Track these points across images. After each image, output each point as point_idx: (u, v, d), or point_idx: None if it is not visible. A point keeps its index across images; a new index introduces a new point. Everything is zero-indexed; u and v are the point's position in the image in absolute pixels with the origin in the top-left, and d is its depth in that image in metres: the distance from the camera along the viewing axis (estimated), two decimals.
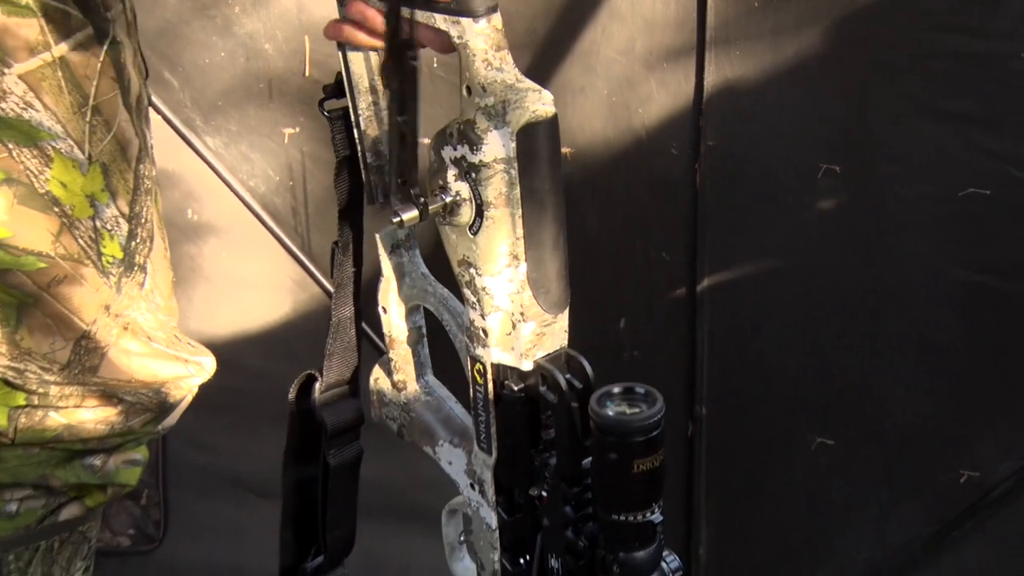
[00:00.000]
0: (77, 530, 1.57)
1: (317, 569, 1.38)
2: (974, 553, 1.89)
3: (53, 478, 1.49)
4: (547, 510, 1.21)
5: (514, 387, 1.18)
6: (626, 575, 1.15)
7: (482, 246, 1.12)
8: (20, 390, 1.43)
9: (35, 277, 1.38)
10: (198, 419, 1.87)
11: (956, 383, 1.87)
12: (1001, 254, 1.78)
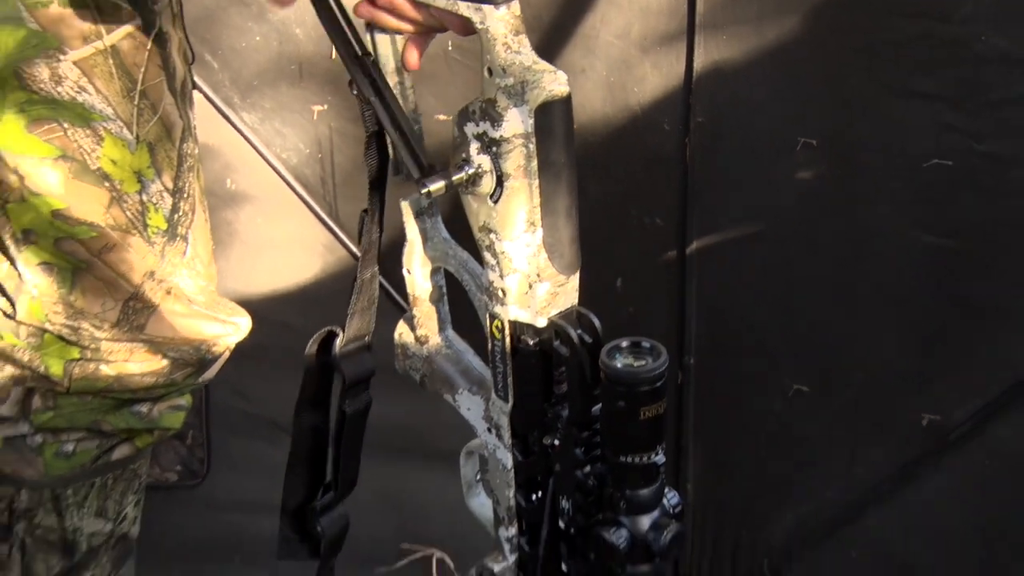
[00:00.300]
0: (128, 468, 1.57)
1: (325, 506, 1.36)
2: (933, 489, 1.89)
3: (104, 423, 1.50)
4: (559, 456, 1.21)
5: (530, 341, 1.18)
6: (632, 511, 1.16)
7: (502, 213, 1.12)
8: (74, 345, 1.43)
9: (87, 244, 1.39)
10: (237, 369, 1.89)
11: (919, 335, 1.87)
12: (960, 218, 1.77)
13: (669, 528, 1.16)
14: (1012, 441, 1.79)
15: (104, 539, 1.59)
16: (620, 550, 1.15)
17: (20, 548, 1.53)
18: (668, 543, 1.16)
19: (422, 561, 2.12)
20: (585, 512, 1.20)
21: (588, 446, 1.18)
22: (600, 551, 1.18)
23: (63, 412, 1.47)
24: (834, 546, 2.02)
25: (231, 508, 2.09)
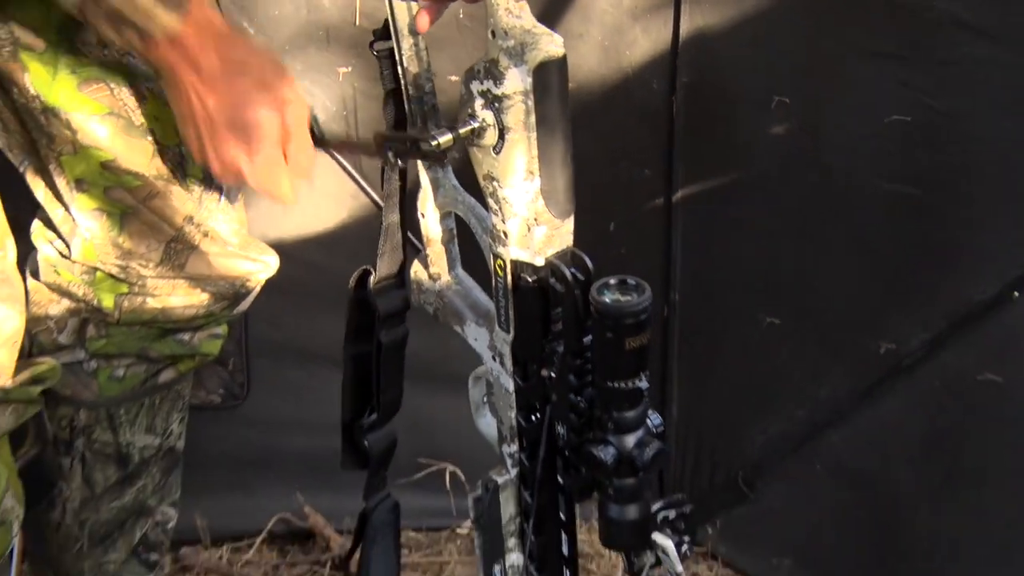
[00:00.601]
0: (173, 389, 1.59)
1: (372, 425, 1.38)
2: (888, 409, 1.88)
3: (151, 350, 1.51)
4: (555, 387, 1.21)
5: (529, 279, 1.18)
6: (618, 430, 1.16)
7: (503, 163, 1.12)
8: (123, 282, 1.44)
9: (134, 192, 1.39)
10: (272, 303, 1.88)
11: (878, 273, 1.87)
12: (916, 167, 1.76)
13: (652, 446, 1.16)
14: (959, 367, 1.78)
15: (153, 452, 1.60)
16: (608, 465, 1.16)
17: (80, 460, 1.55)
18: (650, 459, 1.16)
19: (437, 474, 2.13)
20: (577, 432, 1.20)
21: (580, 373, 1.19)
22: (590, 466, 1.18)
23: (114, 340, 1.48)
24: (801, 460, 2.01)
25: (267, 427, 2.09)
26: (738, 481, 2.10)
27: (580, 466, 1.22)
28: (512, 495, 1.31)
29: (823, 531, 2.03)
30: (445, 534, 2.22)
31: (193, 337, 1.53)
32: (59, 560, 1.64)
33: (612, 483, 1.18)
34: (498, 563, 1.32)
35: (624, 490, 1.18)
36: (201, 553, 2.13)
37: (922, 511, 1.88)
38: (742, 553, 2.14)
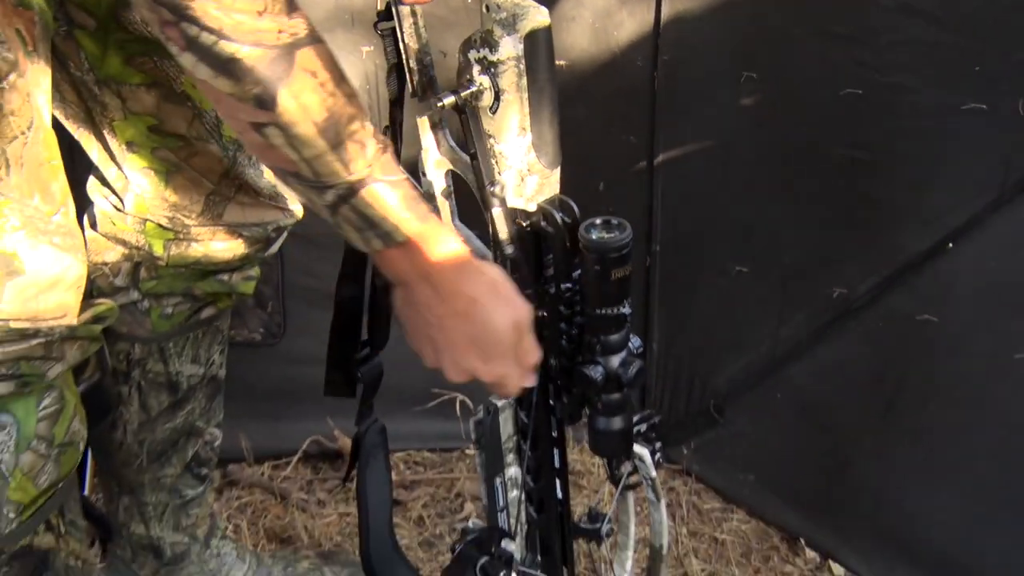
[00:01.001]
0: (213, 324, 1.59)
1: (364, 359, 1.37)
2: (840, 347, 1.90)
3: (195, 289, 1.51)
4: (547, 325, 1.21)
5: (523, 223, 1.18)
6: (605, 352, 1.18)
7: (499, 122, 1.12)
8: (170, 231, 1.45)
9: (176, 152, 1.39)
10: (306, 253, 1.96)
11: (833, 227, 1.86)
12: (867, 134, 1.76)
13: (634, 365, 1.18)
14: (901, 308, 1.78)
15: (199, 380, 1.60)
16: (597, 382, 1.17)
17: (137, 388, 1.56)
18: (634, 376, 1.18)
19: (448, 402, 2.13)
20: (569, 356, 1.20)
21: (569, 303, 1.19)
22: (582, 385, 1.20)
23: (163, 281, 1.49)
24: (764, 390, 2.02)
25: (302, 362, 2.02)
26: (710, 408, 2.11)
27: (572, 387, 1.23)
28: (510, 417, 1.30)
29: (783, 451, 2.03)
30: (456, 454, 2.22)
31: (231, 277, 1.53)
32: (122, 474, 1.65)
33: (600, 398, 1.20)
34: (498, 477, 1.31)
35: (611, 404, 1.20)
36: (245, 470, 2.14)
37: (868, 434, 1.88)
38: (712, 471, 2.14)
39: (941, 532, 1.80)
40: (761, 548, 2.01)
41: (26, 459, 1.15)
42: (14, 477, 1.14)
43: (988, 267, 1.67)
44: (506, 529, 1.33)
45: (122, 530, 1.71)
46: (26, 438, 1.15)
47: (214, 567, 1.75)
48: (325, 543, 1.98)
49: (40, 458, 1.17)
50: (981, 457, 1.74)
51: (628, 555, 1.52)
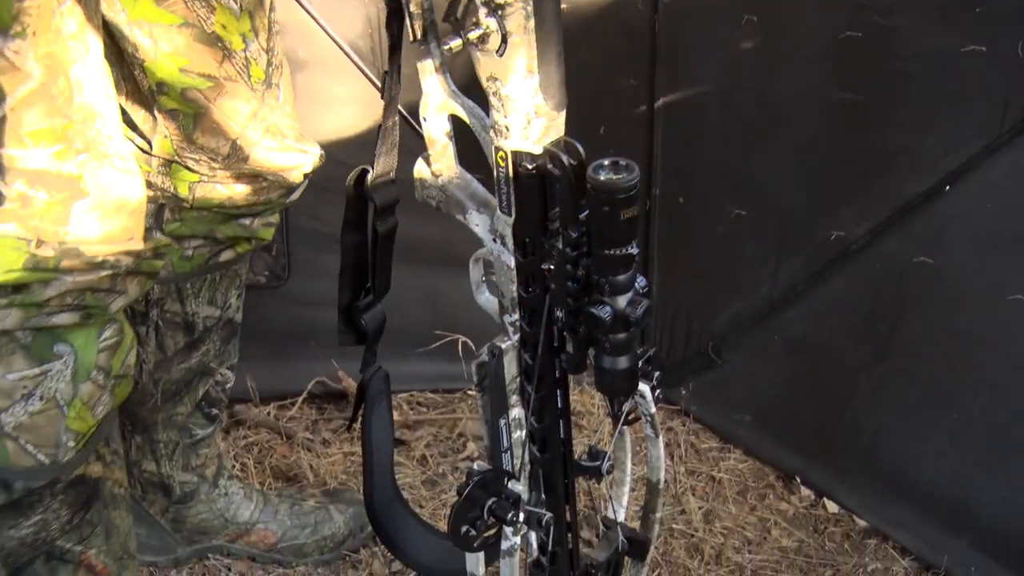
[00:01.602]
0: (231, 268, 1.60)
1: (367, 305, 1.36)
2: (836, 289, 1.90)
3: (217, 232, 1.52)
4: (553, 278, 1.21)
5: (528, 166, 1.16)
6: (613, 292, 1.17)
7: (506, 65, 1.10)
8: (195, 173, 1.45)
9: (206, 93, 1.39)
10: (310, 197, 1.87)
11: (830, 170, 1.86)
12: (865, 77, 1.75)
13: (642, 304, 1.17)
14: (897, 251, 1.78)
15: (215, 322, 1.62)
16: (605, 322, 1.16)
17: (155, 328, 1.57)
18: (641, 314, 1.17)
19: (451, 343, 2.13)
20: (575, 297, 1.20)
21: (576, 246, 1.18)
22: (590, 325, 1.19)
23: (187, 223, 1.49)
24: (761, 332, 2.03)
25: (306, 304, 2.08)
26: (708, 350, 2.11)
27: (579, 327, 1.22)
28: (514, 358, 1.29)
29: (779, 392, 2.04)
30: (458, 395, 2.23)
31: (253, 222, 1.54)
32: (136, 413, 1.66)
33: (607, 338, 1.19)
34: (503, 418, 1.31)
35: (617, 343, 1.19)
36: (251, 410, 2.14)
37: (863, 375, 1.89)
38: (710, 411, 2.15)
39: (934, 471, 1.81)
40: (757, 486, 2.03)
41: (85, 389, 1.18)
42: (73, 407, 1.17)
43: (984, 209, 1.66)
44: (511, 470, 1.33)
45: (133, 468, 1.72)
46: (85, 368, 1.17)
47: (222, 506, 1.77)
48: (330, 481, 1.99)
49: (98, 388, 1.19)
50: (974, 397, 1.74)
51: (625, 491, 1.53)
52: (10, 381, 1.13)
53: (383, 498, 1.41)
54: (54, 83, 1.08)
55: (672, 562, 1.84)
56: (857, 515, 1.93)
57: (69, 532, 1.23)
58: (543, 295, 1.24)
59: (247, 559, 1.81)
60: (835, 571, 1.85)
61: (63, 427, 1.17)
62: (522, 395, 1.32)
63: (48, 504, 1.20)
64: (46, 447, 1.17)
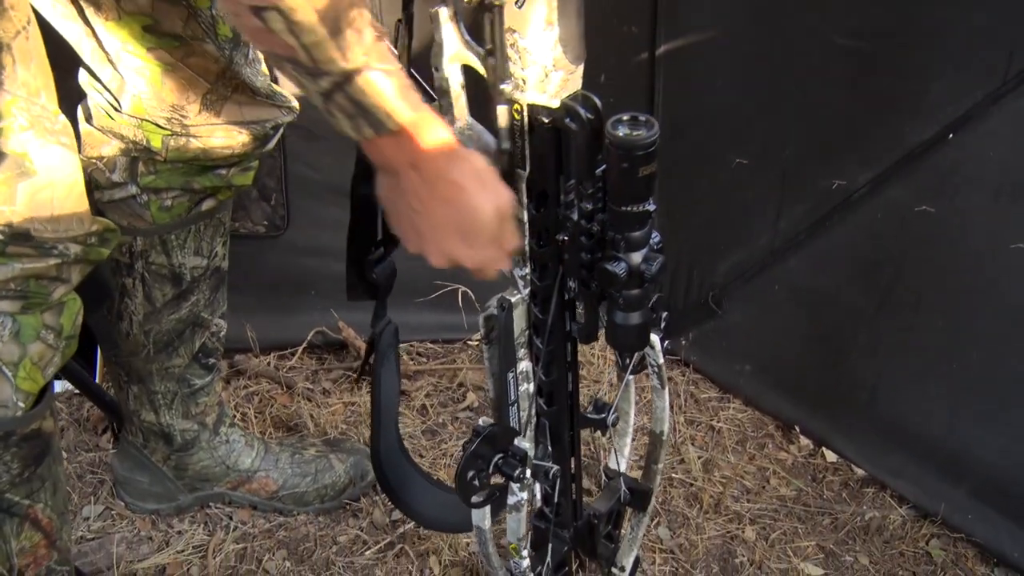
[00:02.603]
0: (215, 217, 1.59)
1: (378, 259, 1.37)
2: (838, 237, 1.90)
3: (194, 183, 1.51)
4: (568, 248, 1.21)
5: (544, 119, 1.15)
6: (629, 248, 1.18)
7: (525, 16, 1.10)
8: (167, 129, 1.45)
9: (172, 52, 1.38)
10: (309, 147, 1.95)
11: (832, 118, 1.85)
12: (869, 24, 1.75)
13: (656, 260, 1.18)
14: (899, 200, 1.78)
15: (202, 271, 1.61)
16: (620, 278, 1.17)
17: (141, 280, 1.57)
18: (656, 271, 1.18)
19: (451, 293, 2.14)
20: (591, 252, 1.20)
21: (592, 201, 1.18)
22: (603, 281, 1.19)
23: (162, 176, 1.48)
24: (762, 282, 2.03)
25: (304, 254, 2.09)
26: (708, 300, 2.12)
27: (592, 283, 1.22)
28: (523, 312, 1.30)
29: (779, 343, 2.05)
30: (458, 345, 2.23)
31: (229, 171, 1.53)
32: (130, 364, 1.67)
33: (622, 294, 1.19)
34: (511, 371, 1.31)
35: (632, 299, 1.20)
36: (251, 360, 2.15)
37: (863, 325, 1.90)
38: (710, 361, 2.17)
39: (932, 421, 1.83)
40: (756, 436, 2.05)
41: (35, 349, 1.18)
42: (23, 367, 1.18)
43: (987, 157, 1.66)
44: (516, 426, 1.34)
45: (133, 417, 1.74)
46: (33, 328, 1.18)
47: (223, 453, 1.78)
48: (330, 431, 2.00)
49: (49, 349, 1.20)
50: (974, 348, 1.75)
51: (627, 442, 1.54)
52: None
53: (388, 450, 1.43)
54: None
55: (671, 511, 1.85)
56: (855, 464, 1.95)
57: (18, 485, 1.24)
58: (556, 249, 1.23)
59: (248, 507, 1.82)
60: (833, 519, 1.86)
61: (12, 388, 1.18)
62: (530, 348, 1.32)
63: (1, 456, 1.21)
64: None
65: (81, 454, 1.94)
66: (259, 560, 1.74)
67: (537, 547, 1.48)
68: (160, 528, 1.80)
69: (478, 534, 1.38)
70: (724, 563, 1.77)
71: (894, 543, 1.82)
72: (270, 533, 1.79)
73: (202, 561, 1.73)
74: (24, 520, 1.26)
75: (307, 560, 1.75)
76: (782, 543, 1.81)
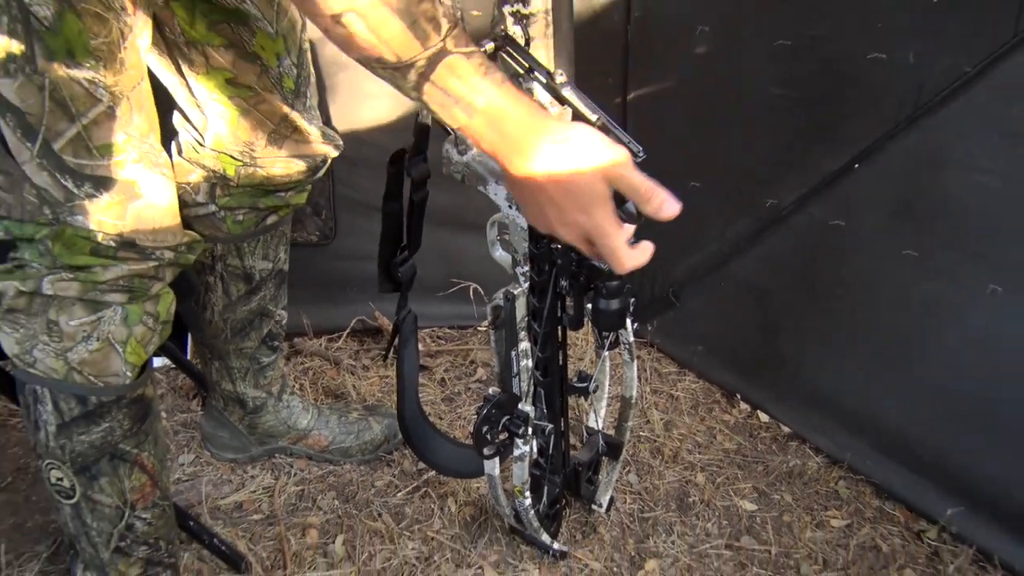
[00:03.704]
0: (278, 229, 1.60)
1: (403, 260, 1.40)
2: (771, 245, 1.90)
3: (260, 202, 1.52)
4: (560, 253, 1.24)
5: None
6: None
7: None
8: (240, 160, 1.44)
9: (247, 100, 1.37)
10: (353, 173, 1.93)
11: (768, 150, 1.85)
12: (794, 76, 1.74)
13: None
14: (818, 215, 1.79)
15: (268, 272, 1.63)
16: (603, 271, 1.21)
17: (220, 278, 1.59)
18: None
19: (464, 289, 2.16)
20: (578, 254, 1.23)
21: None
22: (591, 274, 1.23)
23: (235, 197, 1.49)
24: (712, 280, 2.04)
25: (348, 258, 2.08)
26: (669, 295, 2.13)
27: (580, 275, 1.24)
28: (523, 302, 1.34)
29: (726, 327, 2.06)
30: (469, 331, 2.24)
31: (288, 194, 1.54)
32: (213, 345, 1.69)
33: (604, 285, 1.22)
34: (514, 349, 1.35)
35: (612, 289, 1.23)
36: (307, 342, 2.16)
37: (791, 313, 1.91)
38: (670, 343, 2.17)
39: (843, 387, 1.84)
40: (706, 402, 2.07)
41: (139, 331, 1.23)
42: (129, 345, 1.22)
43: (884, 183, 1.67)
44: (519, 393, 1.37)
45: (215, 387, 1.77)
46: (136, 315, 1.22)
47: (285, 416, 1.81)
48: (369, 398, 2.01)
49: (149, 331, 1.24)
50: (874, 329, 1.76)
51: (602, 406, 1.59)
52: (72, 327, 1.19)
53: (411, 414, 1.46)
54: (118, 106, 1.10)
55: (639, 461, 1.87)
56: (782, 423, 1.96)
57: (129, 438, 1.29)
58: (550, 252, 1.28)
59: (305, 458, 1.84)
60: (765, 467, 1.88)
61: (122, 361, 1.23)
62: (529, 332, 1.37)
63: (115, 415, 1.26)
64: (104, 376, 1.23)
65: (177, 415, 1.96)
66: (314, 499, 1.75)
67: (535, 490, 1.51)
68: (237, 473, 1.81)
69: (489, 480, 1.42)
70: (680, 501, 1.77)
71: (811, 484, 1.84)
72: (322, 478, 1.79)
73: (270, 499, 1.75)
74: (134, 465, 1.30)
75: (351, 500, 1.75)
76: (725, 485, 1.82)
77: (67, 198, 1.12)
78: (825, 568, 1.65)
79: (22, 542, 1.61)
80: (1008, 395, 1.57)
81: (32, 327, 1.18)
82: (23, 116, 1.03)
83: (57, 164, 1.08)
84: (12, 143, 1.07)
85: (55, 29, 1.00)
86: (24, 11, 0.98)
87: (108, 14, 1.05)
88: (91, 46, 1.04)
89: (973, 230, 1.55)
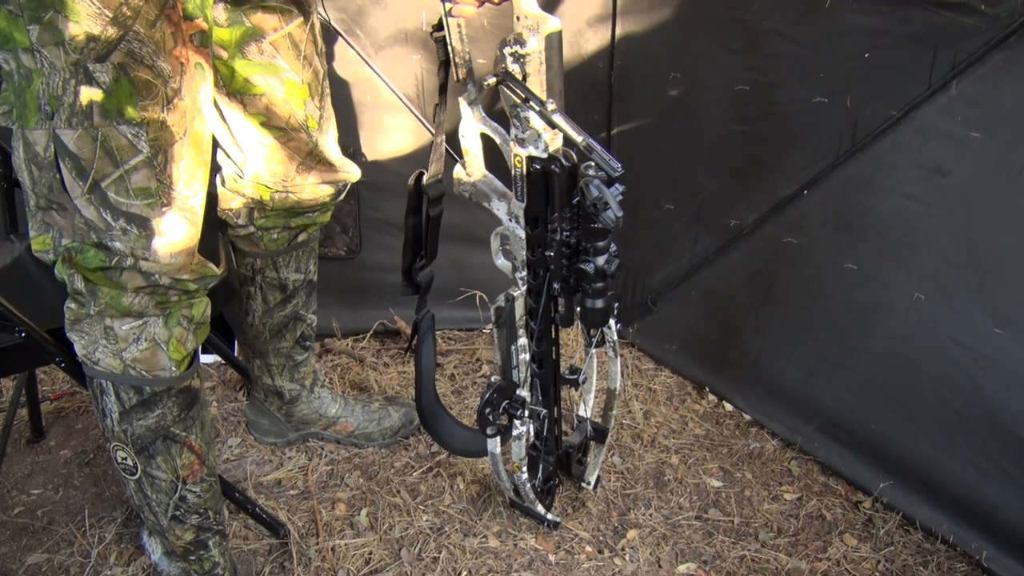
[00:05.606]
0: (308, 245, 1.58)
1: (421, 267, 1.38)
2: (733, 259, 1.88)
3: (291, 222, 1.51)
4: (552, 260, 1.22)
5: (537, 167, 1.16)
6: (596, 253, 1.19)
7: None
8: (273, 188, 1.43)
9: (278, 138, 1.37)
10: (375, 195, 1.91)
11: (730, 177, 1.83)
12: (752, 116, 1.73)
13: (615, 262, 1.20)
14: (773, 233, 1.77)
15: (301, 282, 1.60)
16: (590, 274, 1.18)
17: (259, 289, 1.57)
18: (615, 269, 1.20)
19: (471, 296, 2.12)
20: (568, 257, 1.21)
21: (571, 221, 1.19)
22: (578, 276, 1.21)
23: (269, 219, 1.48)
24: (683, 288, 2.01)
25: (373, 270, 2.06)
26: (647, 301, 2.10)
27: (570, 279, 1.23)
28: (522, 303, 1.31)
29: (696, 329, 2.03)
30: (476, 333, 2.21)
31: (315, 215, 1.53)
32: (254, 345, 1.68)
33: (591, 286, 1.21)
34: (513, 344, 1.33)
35: (597, 290, 1.22)
36: (336, 342, 2.14)
37: (751, 316, 1.89)
38: (649, 343, 2.14)
39: (794, 379, 1.81)
40: (680, 394, 2.03)
41: (177, 331, 1.20)
42: (171, 344, 1.20)
43: (828, 206, 1.66)
44: (518, 382, 1.35)
45: (257, 380, 1.74)
46: (175, 318, 1.20)
47: (316, 405, 1.78)
48: (388, 390, 1.99)
49: (184, 331, 1.21)
50: (821, 329, 1.74)
51: (590, 397, 1.56)
52: (124, 330, 1.18)
53: (428, 401, 1.43)
54: (156, 157, 1.08)
55: (622, 445, 1.84)
56: (744, 411, 1.93)
57: (179, 423, 1.26)
58: (544, 259, 1.26)
59: (334, 442, 1.82)
60: (729, 449, 1.85)
61: (167, 357, 1.20)
62: (527, 329, 1.34)
63: (166, 403, 1.23)
64: (154, 371, 1.20)
65: (226, 404, 1.94)
66: (341, 477, 1.74)
67: (531, 468, 1.49)
68: (276, 455, 1.80)
69: (491, 457, 1.40)
70: (657, 479, 1.75)
71: (768, 463, 1.81)
72: (349, 459, 1.78)
73: (304, 477, 1.73)
74: (183, 446, 1.28)
75: (374, 478, 1.73)
76: (696, 466, 1.80)
77: (107, 228, 1.11)
78: (779, 535, 1.63)
79: (103, 508, 1.65)
80: (929, 386, 1.56)
81: (93, 333, 1.19)
82: (78, 160, 1.05)
83: (102, 200, 1.08)
84: (68, 182, 1.08)
85: (111, 92, 1.01)
86: (88, 76, 1.01)
87: (157, 80, 1.05)
88: (138, 106, 1.04)
89: (900, 246, 1.56)
